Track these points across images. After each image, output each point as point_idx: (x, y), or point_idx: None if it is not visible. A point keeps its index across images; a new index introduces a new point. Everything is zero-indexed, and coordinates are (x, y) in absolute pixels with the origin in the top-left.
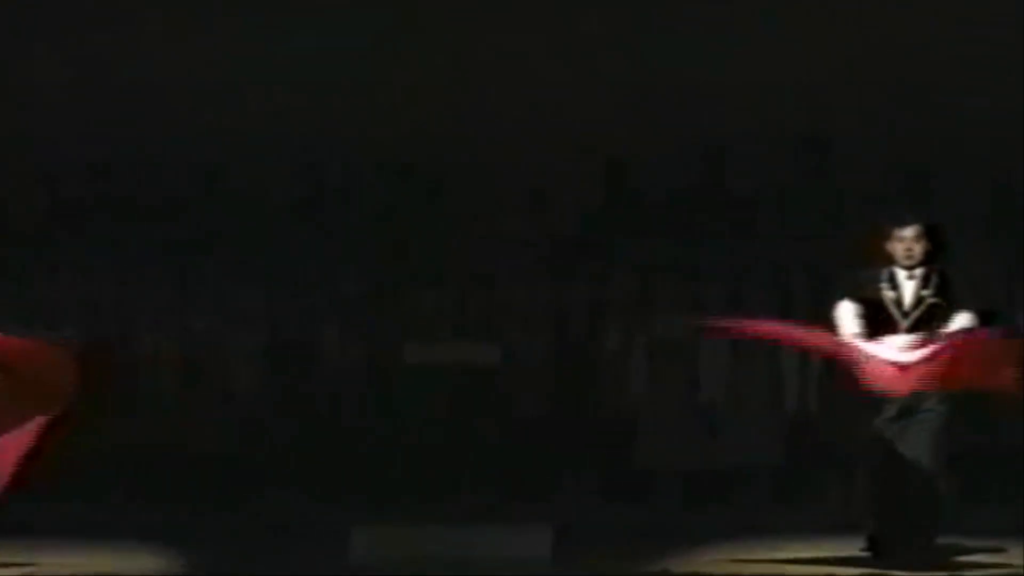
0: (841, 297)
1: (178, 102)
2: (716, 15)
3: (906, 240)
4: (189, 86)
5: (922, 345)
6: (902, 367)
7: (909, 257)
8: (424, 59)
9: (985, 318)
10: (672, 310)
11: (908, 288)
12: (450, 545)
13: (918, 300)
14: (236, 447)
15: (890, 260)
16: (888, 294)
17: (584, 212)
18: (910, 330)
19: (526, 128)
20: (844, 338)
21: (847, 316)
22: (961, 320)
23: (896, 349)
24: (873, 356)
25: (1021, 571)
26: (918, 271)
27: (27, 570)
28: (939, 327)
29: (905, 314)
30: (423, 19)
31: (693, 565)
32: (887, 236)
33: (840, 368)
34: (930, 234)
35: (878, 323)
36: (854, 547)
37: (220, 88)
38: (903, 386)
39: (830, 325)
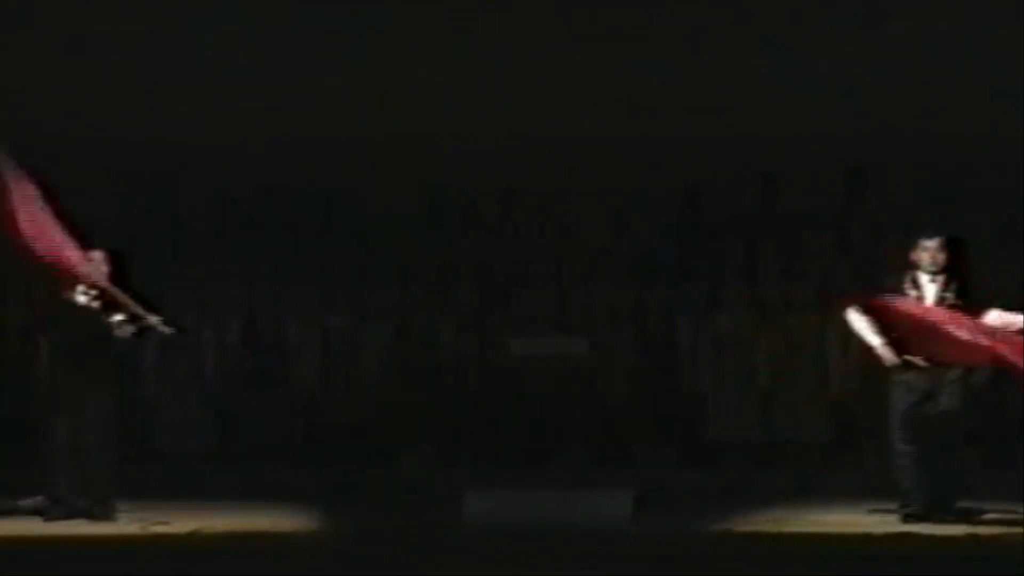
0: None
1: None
2: (781, 68)
3: (930, 250)
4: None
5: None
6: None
7: (933, 264)
8: (537, 98)
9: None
10: (733, 309)
11: (930, 289)
12: (545, 505)
13: (940, 300)
14: (373, 424)
15: (916, 266)
16: (910, 293)
17: (660, 227)
18: None
19: (615, 159)
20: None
21: (862, 325)
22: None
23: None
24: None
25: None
26: (940, 276)
27: (191, 528)
28: None
29: None
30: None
31: (753, 524)
32: (914, 246)
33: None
34: (952, 245)
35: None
36: (888, 508)
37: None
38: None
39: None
